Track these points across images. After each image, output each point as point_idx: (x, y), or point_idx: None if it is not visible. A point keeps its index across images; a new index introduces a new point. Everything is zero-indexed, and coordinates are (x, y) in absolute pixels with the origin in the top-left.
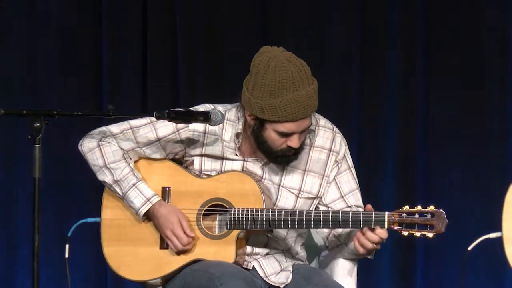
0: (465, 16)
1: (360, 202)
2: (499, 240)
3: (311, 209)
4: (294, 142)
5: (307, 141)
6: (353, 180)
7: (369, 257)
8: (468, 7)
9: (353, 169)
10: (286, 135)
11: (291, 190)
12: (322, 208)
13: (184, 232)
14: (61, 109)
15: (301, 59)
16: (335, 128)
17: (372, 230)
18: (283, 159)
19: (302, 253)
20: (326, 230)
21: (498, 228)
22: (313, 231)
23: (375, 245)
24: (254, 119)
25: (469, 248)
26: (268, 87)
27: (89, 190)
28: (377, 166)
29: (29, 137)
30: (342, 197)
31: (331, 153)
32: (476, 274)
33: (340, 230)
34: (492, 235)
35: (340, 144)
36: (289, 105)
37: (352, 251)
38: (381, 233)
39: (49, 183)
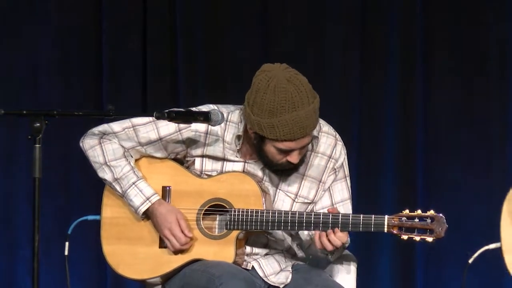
0: (465, 17)
1: (350, 213)
2: (498, 251)
3: (305, 211)
4: (293, 158)
5: (309, 147)
6: (346, 190)
7: (330, 256)
8: (468, 7)
9: (348, 179)
10: (285, 152)
11: (288, 194)
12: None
13: (182, 232)
14: (61, 109)
15: (302, 77)
16: (337, 136)
17: (334, 232)
18: (283, 172)
19: (301, 253)
20: (305, 232)
21: (498, 230)
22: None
23: (334, 247)
24: (254, 133)
25: (470, 261)
26: (267, 106)
27: (89, 190)
28: (377, 166)
29: (29, 137)
30: (333, 205)
31: (330, 159)
32: (476, 282)
33: (312, 231)
34: (492, 246)
35: (340, 152)
36: (287, 125)
37: (320, 250)
38: (341, 236)
39: (49, 183)
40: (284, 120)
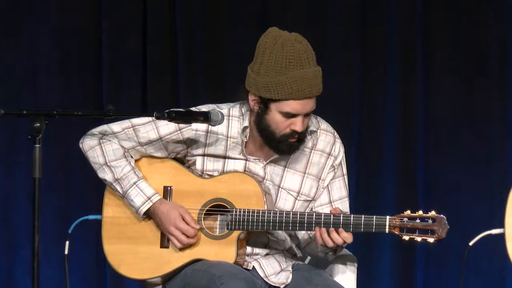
0: (465, 17)
1: (347, 211)
2: (500, 237)
3: (306, 211)
4: (298, 125)
5: (309, 144)
6: (344, 187)
7: (330, 254)
8: (468, 7)
9: (346, 177)
10: (290, 116)
11: (290, 192)
12: (308, 211)
13: (188, 224)
14: (61, 109)
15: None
16: (335, 133)
17: (337, 231)
18: (286, 146)
19: (301, 253)
20: (303, 231)
21: (498, 226)
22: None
23: (335, 245)
24: (259, 103)
25: (471, 244)
26: (275, 63)
27: (89, 190)
28: (377, 166)
29: (29, 137)
30: (331, 203)
31: (330, 157)
32: (477, 272)
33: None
34: (494, 231)
35: (339, 150)
36: (295, 82)
37: (321, 247)
38: (346, 237)
39: (49, 183)
40: (292, 77)
